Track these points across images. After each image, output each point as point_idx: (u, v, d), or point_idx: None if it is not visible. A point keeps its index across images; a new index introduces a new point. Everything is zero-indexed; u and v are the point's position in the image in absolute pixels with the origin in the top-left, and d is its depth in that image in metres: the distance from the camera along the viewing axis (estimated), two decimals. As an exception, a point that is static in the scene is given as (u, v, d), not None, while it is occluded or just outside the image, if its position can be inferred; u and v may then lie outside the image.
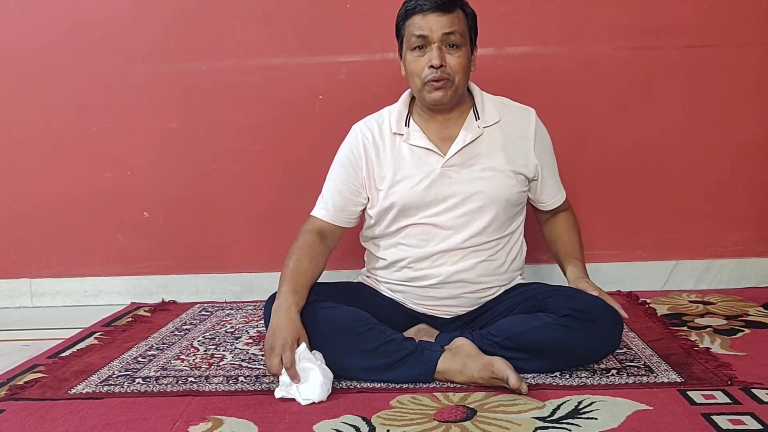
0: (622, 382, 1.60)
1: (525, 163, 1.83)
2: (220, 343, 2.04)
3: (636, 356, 1.78)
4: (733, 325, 2.02)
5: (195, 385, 1.69)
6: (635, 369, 1.68)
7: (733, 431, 1.34)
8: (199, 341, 2.07)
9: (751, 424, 1.36)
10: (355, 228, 1.93)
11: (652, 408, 1.45)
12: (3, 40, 2.56)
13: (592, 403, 1.48)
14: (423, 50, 1.74)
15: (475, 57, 1.82)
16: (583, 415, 1.43)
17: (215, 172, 2.57)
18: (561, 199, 1.96)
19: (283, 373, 1.58)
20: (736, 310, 2.16)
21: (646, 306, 2.24)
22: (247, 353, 1.94)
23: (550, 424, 1.40)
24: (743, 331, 1.95)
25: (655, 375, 1.64)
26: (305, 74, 2.50)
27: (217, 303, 2.55)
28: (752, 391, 1.52)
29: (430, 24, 1.71)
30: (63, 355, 1.99)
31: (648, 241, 2.51)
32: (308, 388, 1.55)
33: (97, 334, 2.18)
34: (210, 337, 2.10)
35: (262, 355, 1.82)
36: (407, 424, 1.42)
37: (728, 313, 2.14)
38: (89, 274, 2.64)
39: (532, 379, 1.62)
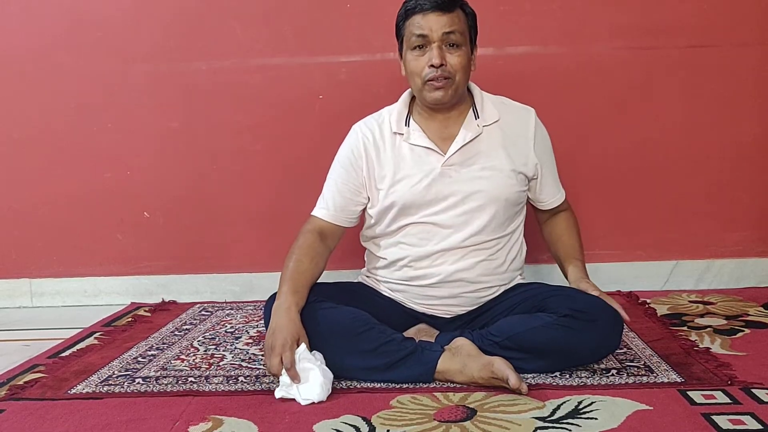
0: (622, 382, 1.60)
1: (525, 162, 1.83)
2: (220, 343, 2.04)
3: (636, 356, 1.78)
4: (733, 325, 2.02)
5: (195, 385, 1.69)
6: (635, 369, 1.68)
7: (733, 431, 1.34)
8: (199, 341, 2.07)
9: (751, 424, 1.36)
10: (355, 228, 1.93)
11: (652, 408, 1.45)
12: (3, 40, 2.56)
13: (592, 403, 1.48)
14: (423, 50, 1.74)
15: (475, 56, 1.83)
16: (583, 415, 1.43)
17: (215, 172, 2.57)
18: (560, 198, 1.96)
19: (284, 373, 1.58)
20: (736, 310, 2.16)
21: (646, 306, 2.24)
22: (247, 353, 1.94)
23: (550, 424, 1.40)
24: (743, 331, 1.95)
25: (655, 375, 1.64)
26: (305, 74, 2.50)
27: (217, 303, 2.55)
28: (752, 391, 1.52)
29: (430, 24, 1.71)
30: (63, 355, 1.99)
31: (648, 241, 2.51)
32: (308, 389, 1.55)
33: (97, 334, 2.18)
34: (210, 337, 2.10)
35: (262, 355, 1.82)
36: (407, 424, 1.42)
37: (728, 313, 2.14)
38: (89, 274, 2.64)
39: (532, 379, 1.62)
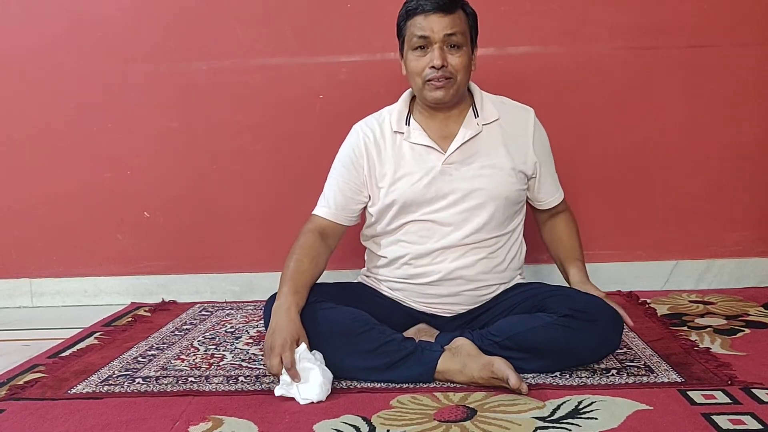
0: (622, 382, 1.60)
1: (524, 160, 1.83)
2: (220, 343, 2.04)
3: (636, 356, 1.78)
4: (733, 325, 2.02)
5: (195, 385, 1.69)
6: (635, 369, 1.68)
7: (733, 431, 1.34)
8: (199, 341, 2.07)
9: (751, 424, 1.36)
10: (356, 228, 1.93)
11: (652, 408, 1.45)
12: (3, 40, 2.56)
13: (592, 403, 1.48)
14: (424, 50, 1.74)
15: (476, 56, 1.83)
16: (583, 415, 1.43)
17: (215, 172, 2.57)
18: (559, 198, 1.96)
19: (284, 372, 1.58)
20: (736, 310, 2.16)
21: (646, 306, 2.24)
22: (247, 353, 1.94)
23: (550, 424, 1.40)
24: (743, 331, 1.95)
25: (655, 375, 1.64)
26: (305, 74, 2.50)
27: (217, 303, 2.55)
28: (752, 391, 1.52)
29: (431, 25, 1.71)
30: (63, 355, 1.99)
31: (648, 241, 2.51)
32: (308, 388, 1.55)
33: (97, 334, 2.18)
34: (210, 337, 2.10)
35: (262, 355, 1.82)
36: (407, 424, 1.42)
37: (728, 313, 2.14)
38: (89, 274, 2.64)
39: (532, 379, 1.62)
